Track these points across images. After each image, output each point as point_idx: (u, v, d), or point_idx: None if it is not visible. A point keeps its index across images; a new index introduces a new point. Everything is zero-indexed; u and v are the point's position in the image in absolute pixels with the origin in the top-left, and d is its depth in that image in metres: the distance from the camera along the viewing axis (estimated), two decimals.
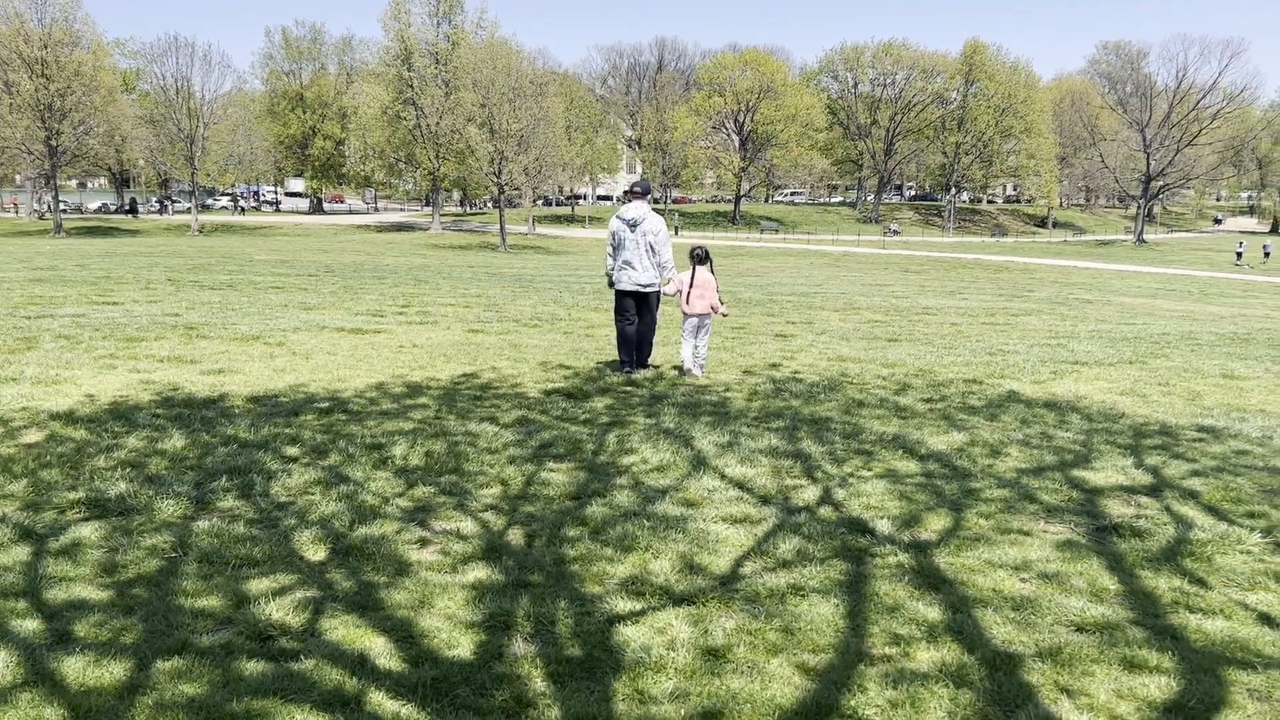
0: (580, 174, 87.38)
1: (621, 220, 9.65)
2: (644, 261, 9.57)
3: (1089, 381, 9.96)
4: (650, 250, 9.57)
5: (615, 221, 9.73)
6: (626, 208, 9.74)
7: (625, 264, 9.60)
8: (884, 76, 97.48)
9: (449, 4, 68.22)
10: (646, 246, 9.55)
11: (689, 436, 6.71)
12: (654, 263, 9.62)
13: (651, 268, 9.61)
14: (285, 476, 5.56)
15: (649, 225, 9.57)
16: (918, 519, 5.00)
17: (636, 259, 9.56)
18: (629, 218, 9.60)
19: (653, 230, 9.56)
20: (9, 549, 4.34)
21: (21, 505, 4.98)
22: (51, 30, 59.18)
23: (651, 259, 9.60)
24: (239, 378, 8.69)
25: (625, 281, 9.63)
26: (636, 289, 9.60)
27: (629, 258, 9.57)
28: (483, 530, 4.76)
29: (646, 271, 9.58)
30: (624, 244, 9.60)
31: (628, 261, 9.58)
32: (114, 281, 19.83)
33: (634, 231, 9.54)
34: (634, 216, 9.59)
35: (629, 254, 9.57)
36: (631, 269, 9.58)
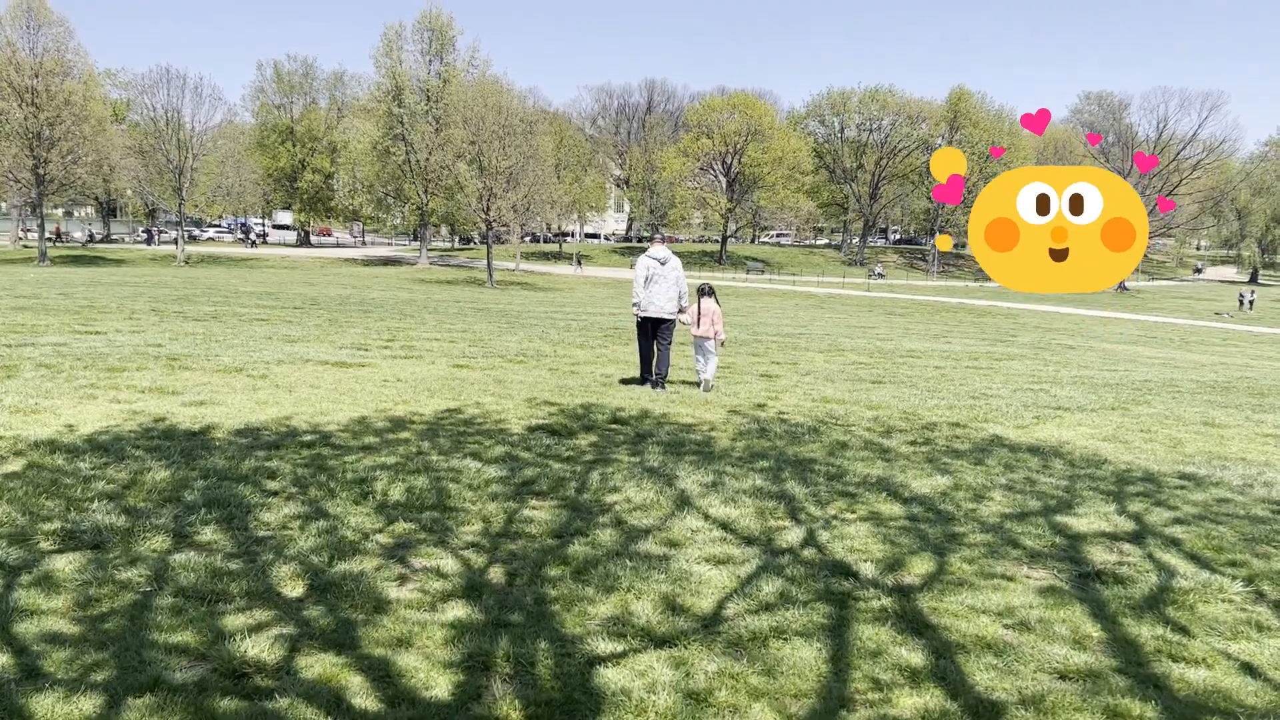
0: (568, 211, 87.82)
1: (653, 259, 11.38)
2: (669, 293, 11.33)
3: (1072, 427, 10.00)
4: (676, 282, 11.36)
5: (647, 259, 11.43)
6: (656, 249, 11.53)
7: (654, 295, 11.29)
8: (870, 122, 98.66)
9: (441, 42, 68.80)
10: (674, 281, 11.32)
11: (673, 476, 6.69)
12: (676, 294, 11.36)
13: (675, 299, 11.37)
14: (265, 510, 5.50)
15: (675, 264, 11.42)
16: (901, 563, 4.99)
17: (662, 291, 11.29)
18: (659, 257, 11.38)
19: (676, 269, 11.40)
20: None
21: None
22: (43, 60, 59.28)
23: (676, 290, 11.35)
24: (221, 409, 8.63)
25: (652, 309, 11.33)
26: (660, 316, 11.34)
27: (657, 290, 11.30)
28: (463, 568, 4.72)
29: (671, 302, 11.36)
30: (654, 278, 11.31)
31: (657, 293, 11.30)
32: (97, 311, 19.71)
33: (664, 268, 11.33)
34: (663, 256, 11.39)
35: (658, 287, 11.30)
36: (658, 299, 11.30)
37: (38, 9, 59.67)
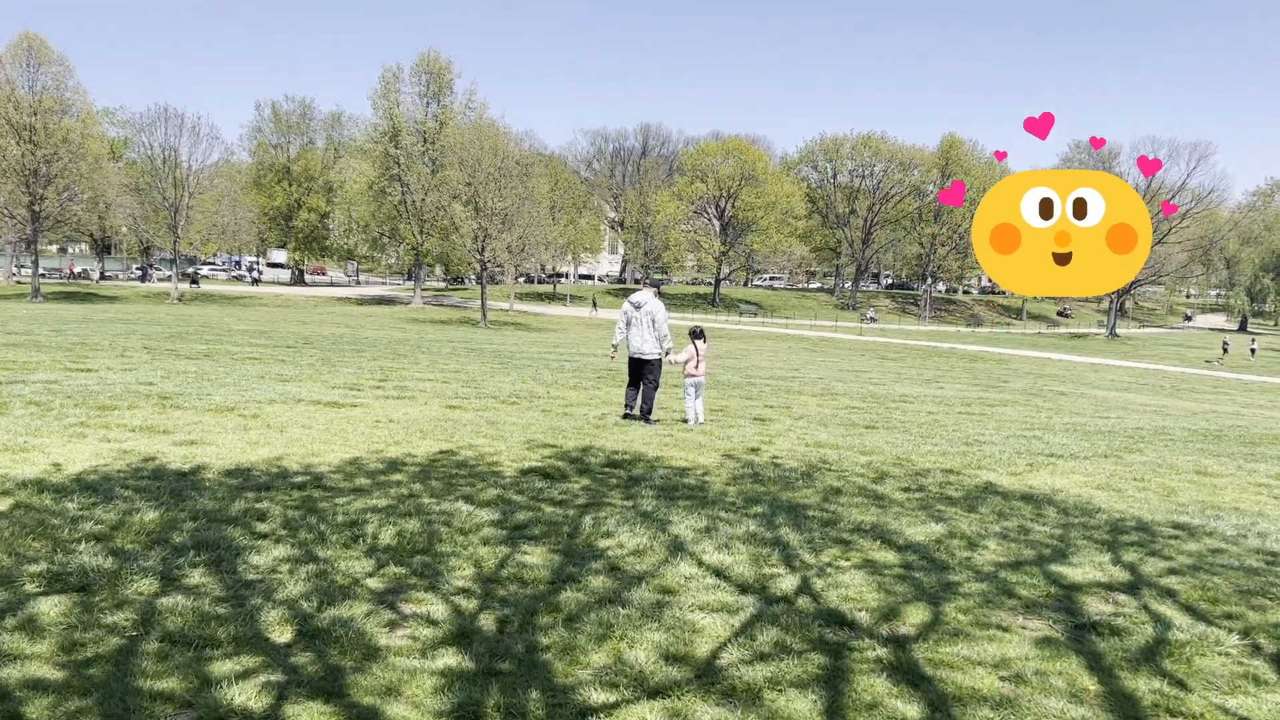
0: (563, 253, 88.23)
1: (630, 304, 12.54)
2: (645, 335, 12.33)
3: (1065, 475, 9.99)
4: (652, 325, 12.34)
5: (627, 304, 12.63)
6: (636, 294, 12.62)
7: (632, 337, 12.40)
8: (863, 168, 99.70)
9: (438, 85, 69.56)
10: (649, 323, 12.34)
11: (666, 520, 6.65)
12: (655, 336, 12.33)
13: (653, 340, 12.34)
14: (254, 553, 5.45)
15: (650, 307, 12.41)
16: (896, 612, 4.95)
17: (638, 333, 12.37)
18: (636, 301, 12.47)
19: (652, 311, 12.40)
20: None
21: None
22: (42, 98, 59.74)
23: (652, 333, 12.34)
24: (212, 449, 8.58)
25: (632, 350, 12.39)
26: (639, 356, 12.36)
27: (634, 332, 12.40)
28: (454, 614, 4.66)
29: (648, 343, 12.34)
30: (632, 322, 12.43)
31: (634, 335, 12.39)
32: (89, 348, 19.66)
33: (639, 311, 12.39)
34: (640, 300, 12.46)
35: (635, 329, 12.41)
36: (636, 341, 12.37)
37: (38, 48, 60.27)
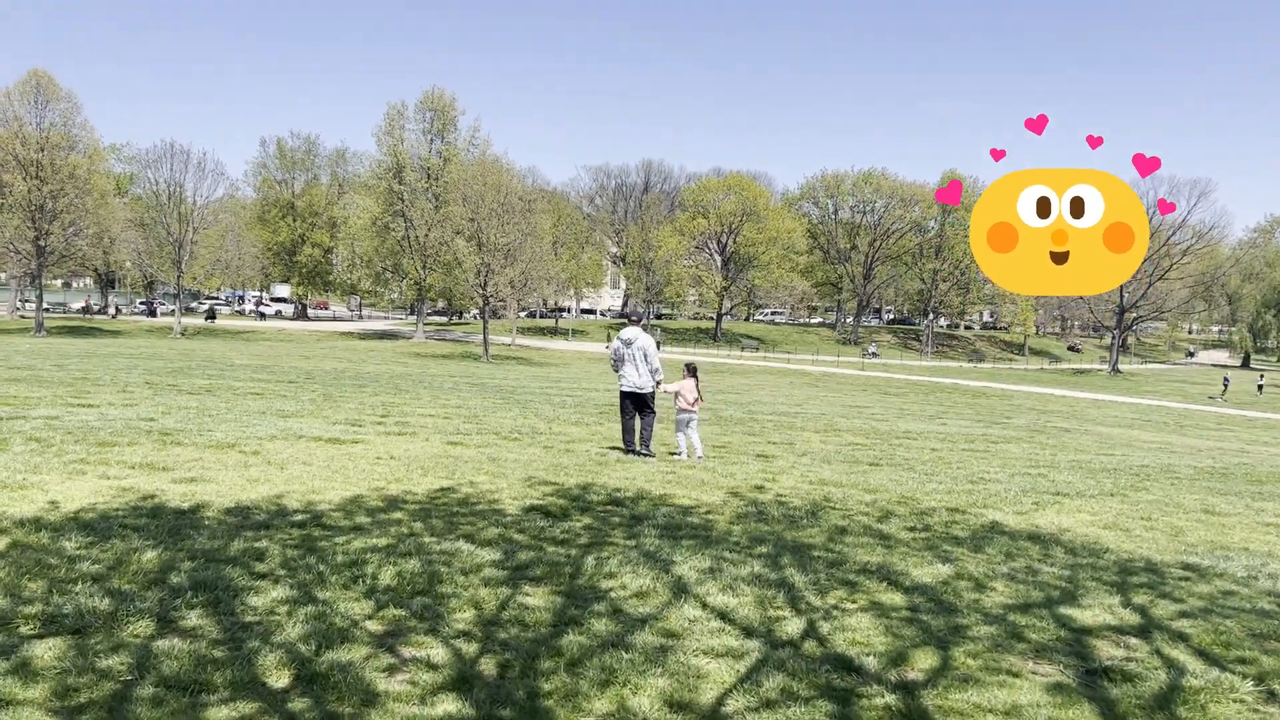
0: (565, 288, 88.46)
1: (621, 341, 12.84)
2: (640, 370, 12.66)
3: (1071, 513, 9.90)
4: (644, 359, 12.67)
5: (617, 342, 12.92)
6: (624, 331, 12.91)
7: (626, 372, 12.69)
8: (864, 204, 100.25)
9: (443, 122, 70.10)
10: (641, 358, 12.68)
11: (670, 561, 6.57)
12: (648, 370, 12.66)
13: (646, 374, 12.67)
14: (253, 594, 5.37)
15: (641, 342, 12.74)
16: (904, 657, 4.86)
17: (633, 369, 12.68)
18: (626, 338, 12.78)
19: (642, 347, 12.73)
20: None
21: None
22: (49, 134, 60.24)
23: (645, 367, 12.66)
24: (212, 487, 8.51)
25: (626, 385, 12.72)
26: (636, 391, 12.68)
27: (628, 369, 12.69)
28: (454, 658, 4.59)
29: (643, 377, 12.67)
30: (624, 359, 12.77)
31: (628, 370, 12.69)
32: (91, 383, 19.64)
33: (630, 349, 12.72)
34: (629, 337, 12.77)
35: (627, 365, 12.71)
36: (630, 375, 12.67)
37: (46, 85, 60.90)
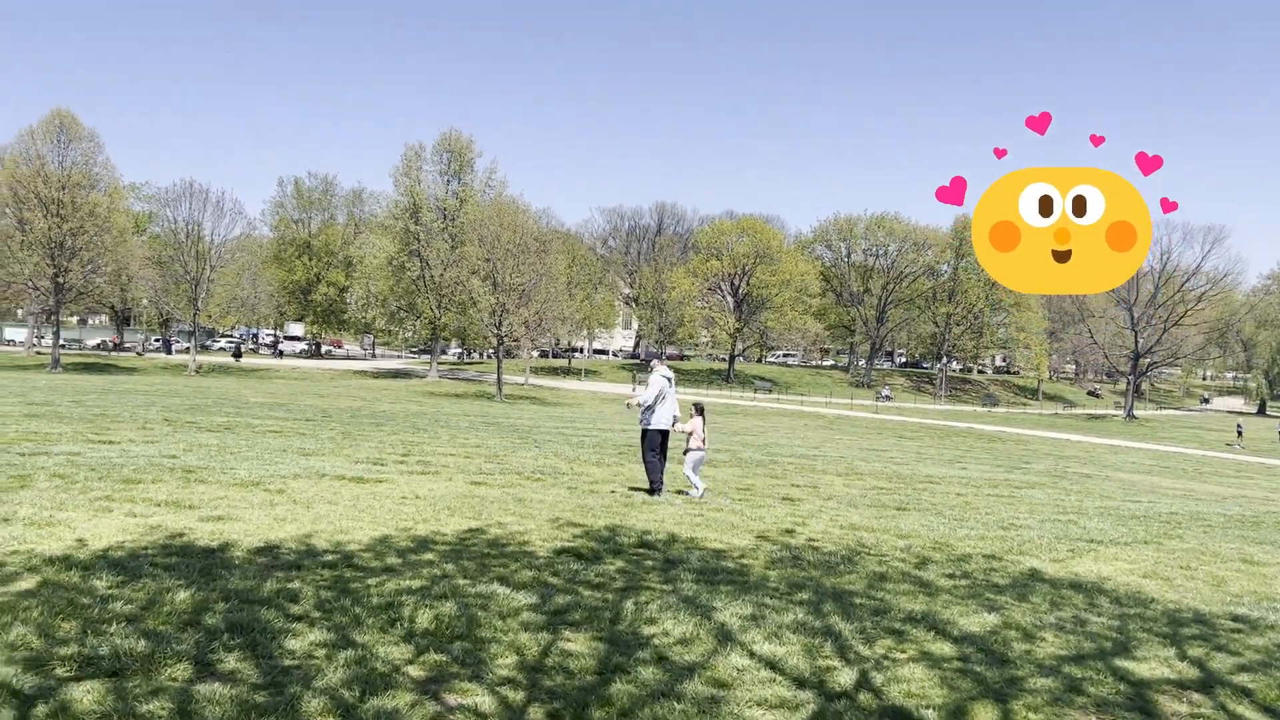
0: (579, 328, 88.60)
1: (665, 377, 12.68)
2: (674, 409, 12.63)
3: (1108, 561, 9.71)
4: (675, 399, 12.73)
5: (662, 379, 12.64)
6: (663, 368, 12.86)
7: (665, 410, 12.49)
8: (876, 247, 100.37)
9: (459, 163, 70.71)
10: (673, 396, 12.70)
11: (710, 607, 6.43)
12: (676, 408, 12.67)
13: (675, 413, 12.66)
14: (290, 637, 5.26)
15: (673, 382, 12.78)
16: (965, 710, 4.71)
17: (669, 407, 12.55)
18: (669, 375, 12.76)
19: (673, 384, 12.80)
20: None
21: (8, 660, 4.66)
22: (71, 172, 60.95)
23: (676, 407, 12.68)
24: (239, 525, 8.41)
25: (665, 422, 12.49)
26: (667, 428, 12.54)
27: (666, 406, 12.52)
28: (501, 707, 4.45)
29: (674, 416, 12.63)
30: (666, 396, 12.57)
31: (666, 408, 12.50)
32: (110, 420, 19.61)
33: (672, 386, 12.70)
34: (670, 374, 12.82)
35: (667, 403, 12.54)
36: (667, 414, 12.52)
37: (69, 124, 61.72)
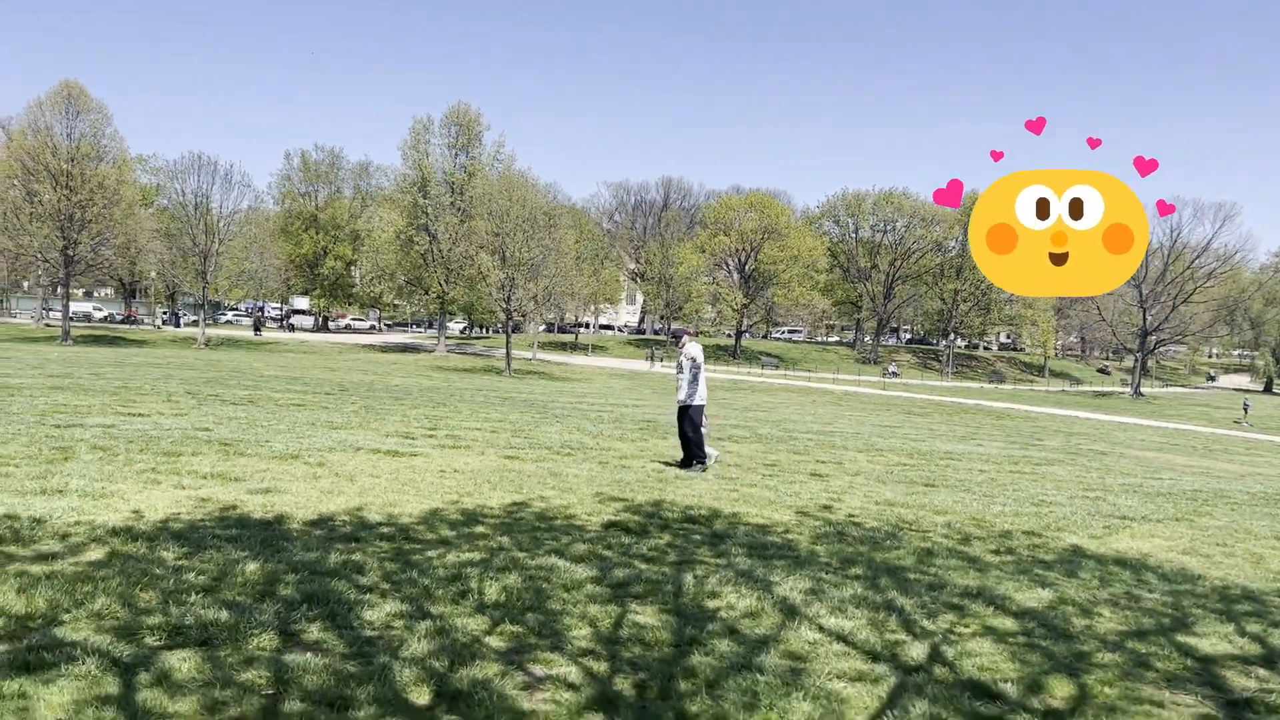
0: (587, 304, 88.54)
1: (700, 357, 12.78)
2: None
3: (1145, 538, 9.77)
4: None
5: (701, 356, 12.79)
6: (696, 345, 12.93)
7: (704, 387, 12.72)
8: (884, 223, 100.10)
9: (467, 136, 70.36)
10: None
11: (768, 581, 6.49)
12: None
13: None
14: (366, 608, 5.32)
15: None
16: (1040, 684, 4.77)
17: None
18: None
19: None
20: (99, 680, 4.09)
21: (98, 630, 4.73)
22: (79, 144, 60.73)
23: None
24: (288, 498, 8.48)
25: (706, 397, 12.77)
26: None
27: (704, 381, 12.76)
28: (588, 678, 4.52)
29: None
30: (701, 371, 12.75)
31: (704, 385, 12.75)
32: (134, 393, 19.69)
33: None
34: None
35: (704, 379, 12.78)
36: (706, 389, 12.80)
37: (77, 96, 61.38)
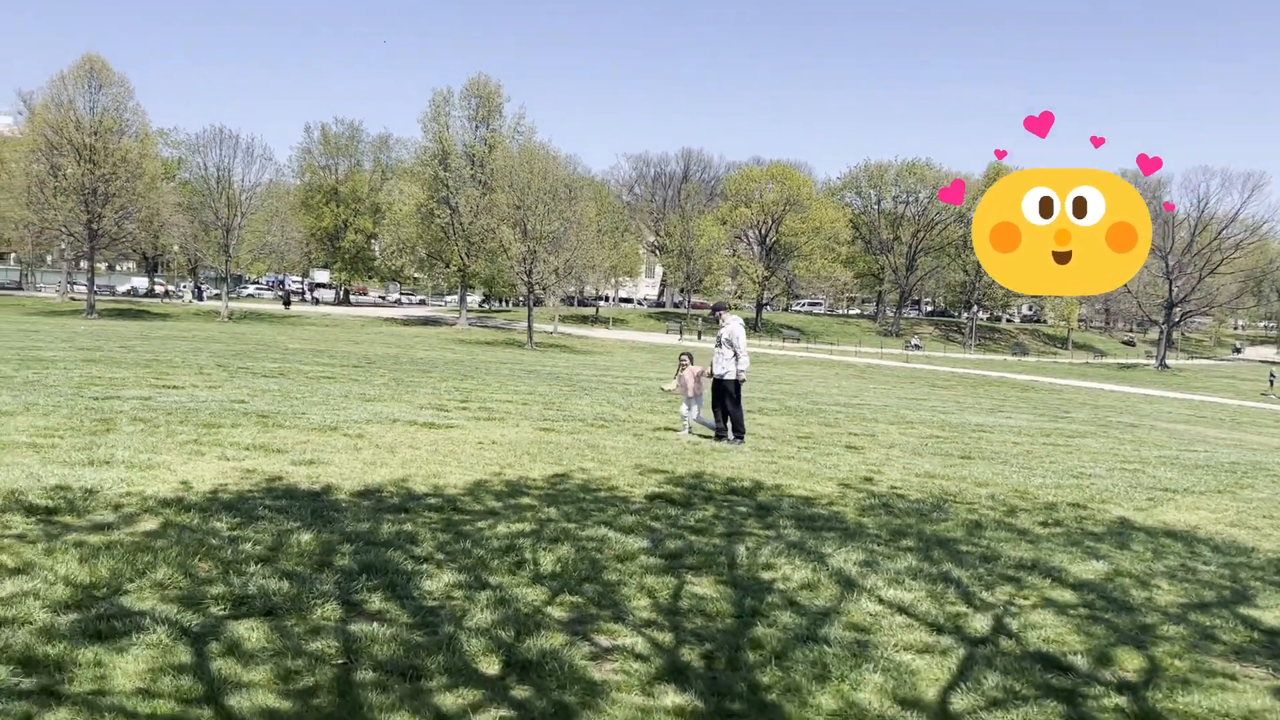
0: (607, 277, 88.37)
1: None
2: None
3: (1190, 510, 9.67)
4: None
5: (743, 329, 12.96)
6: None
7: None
8: (907, 194, 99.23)
9: (488, 108, 70.02)
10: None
11: (821, 553, 6.45)
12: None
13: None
14: (425, 579, 5.32)
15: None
16: (1109, 657, 4.72)
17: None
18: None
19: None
20: (171, 649, 4.10)
21: (163, 599, 4.75)
22: (102, 118, 60.89)
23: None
24: (333, 470, 8.49)
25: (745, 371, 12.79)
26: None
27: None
28: (654, 648, 4.50)
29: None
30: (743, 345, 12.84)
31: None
32: (166, 365, 19.80)
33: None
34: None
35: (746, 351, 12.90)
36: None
37: (99, 70, 61.49)
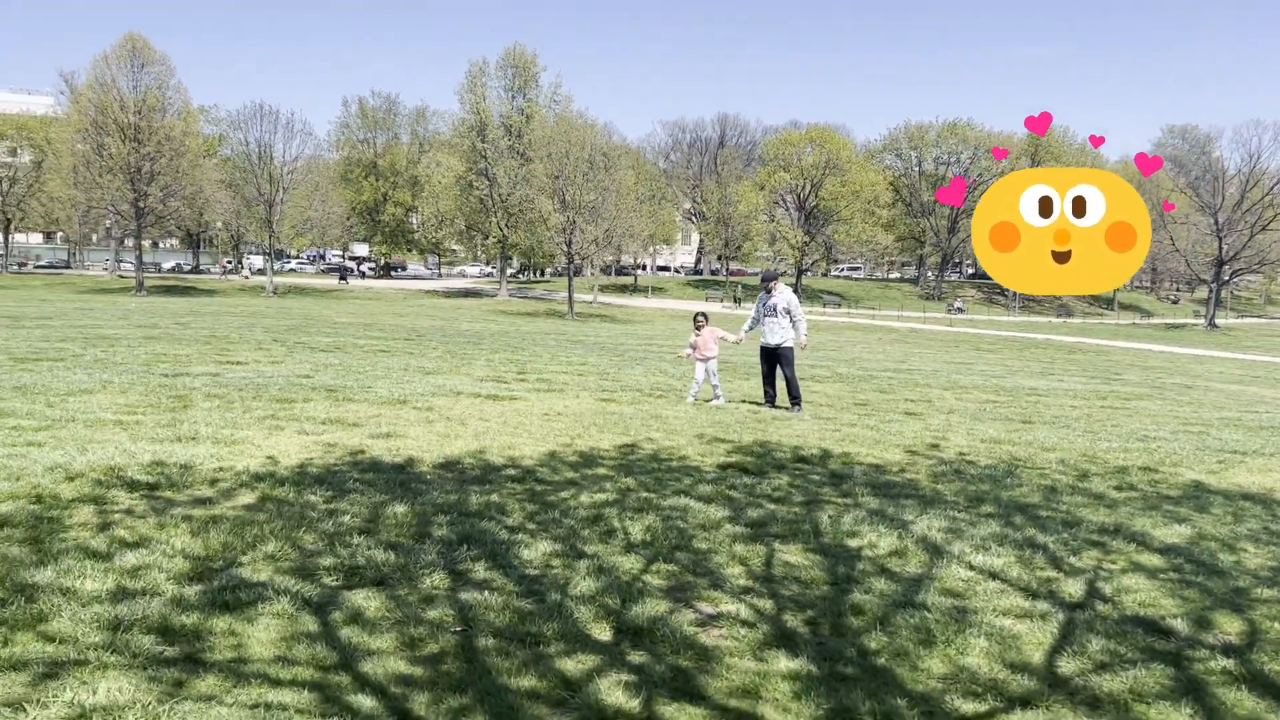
0: (646, 245, 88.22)
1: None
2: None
3: (1262, 473, 9.59)
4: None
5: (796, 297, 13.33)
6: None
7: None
8: (949, 155, 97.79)
9: (524, 78, 69.96)
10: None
11: (903, 520, 6.51)
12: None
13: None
14: (522, 548, 5.46)
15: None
16: (1208, 620, 4.75)
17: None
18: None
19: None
20: (297, 619, 4.27)
21: (277, 571, 4.92)
22: (145, 97, 61.61)
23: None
24: (411, 442, 8.67)
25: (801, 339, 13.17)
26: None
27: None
28: (757, 615, 4.60)
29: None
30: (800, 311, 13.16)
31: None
32: (225, 341, 20.17)
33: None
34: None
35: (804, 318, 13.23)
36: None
37: (141, 49, 62.14)
